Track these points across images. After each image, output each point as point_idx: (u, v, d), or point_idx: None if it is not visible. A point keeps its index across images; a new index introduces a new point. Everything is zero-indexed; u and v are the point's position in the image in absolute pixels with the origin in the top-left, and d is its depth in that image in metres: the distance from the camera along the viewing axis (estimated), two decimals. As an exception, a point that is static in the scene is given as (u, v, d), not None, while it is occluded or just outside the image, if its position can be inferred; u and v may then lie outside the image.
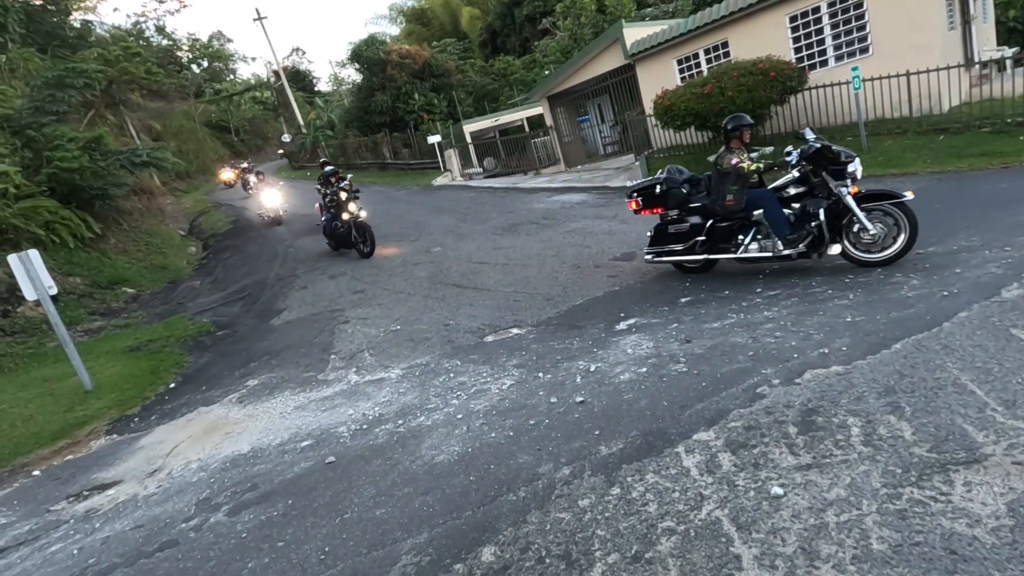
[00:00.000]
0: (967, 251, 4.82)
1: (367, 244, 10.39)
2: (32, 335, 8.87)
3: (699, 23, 12.49)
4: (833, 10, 10.73)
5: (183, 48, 47.70)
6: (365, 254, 10.40)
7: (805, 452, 2.74)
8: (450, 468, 3.40)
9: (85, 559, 3.37)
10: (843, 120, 10.55)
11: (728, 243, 5.58)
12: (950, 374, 3.09)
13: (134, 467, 4.61)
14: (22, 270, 6.47)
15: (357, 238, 10.49)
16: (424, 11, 39.54)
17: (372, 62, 27.42)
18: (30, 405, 6.33)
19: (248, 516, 3.43)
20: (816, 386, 3.28)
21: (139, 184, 18.45)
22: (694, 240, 5.69)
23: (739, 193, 5.36)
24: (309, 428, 4.50)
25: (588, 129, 19.50)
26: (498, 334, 5.66)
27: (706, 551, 2.29)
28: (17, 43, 18.03)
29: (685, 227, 5.76)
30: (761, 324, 4.32)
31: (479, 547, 2.65)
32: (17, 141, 12.36)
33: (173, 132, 36.05)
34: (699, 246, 5.68)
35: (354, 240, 10.57)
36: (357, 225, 10.37)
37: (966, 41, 11.46)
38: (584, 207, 10.94)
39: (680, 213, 5.84)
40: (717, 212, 5.56)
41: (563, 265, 7.44)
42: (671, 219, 5.89)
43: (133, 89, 26.27)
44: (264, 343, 7.27)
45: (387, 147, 26.65)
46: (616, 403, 3.67)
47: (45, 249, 10.66)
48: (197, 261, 15.05)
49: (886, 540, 2.14)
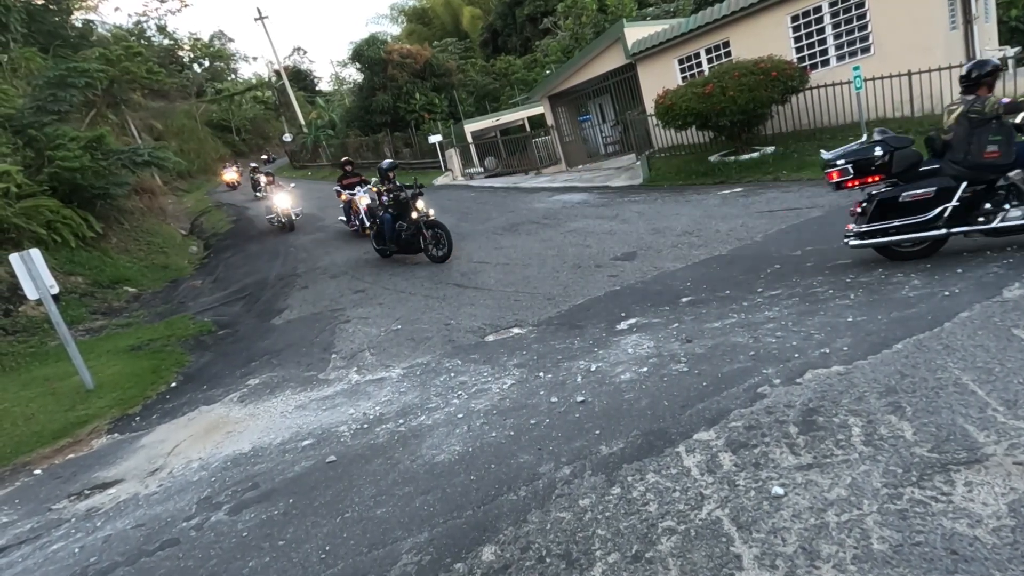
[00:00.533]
0: (968, 251, 4.80)
1: (442, 246, 8.88)
2: (34, 334, 8.88)
3: (700, 23, 12.48)
4: (834, 9, 10.72)
5: (184, 47, 47.76)
6: (438, 258, 8.88)
7: (806, 452, 2.74)
8: (451, 467, 3.41)
9: (86, 558, 3.38)
10: (844, 120, 10.54)
11: (973, 212, 4.57)
12: (951, 374, 3.09)
13: (135, 466, 4.62)
14: (24, 269, 6.48)
15: (428, 240, 8.97)
16: (425, 11, 39.53)
17: (373, 62, 27.43)
18: (31, 404, 6.34)
19: (249, 515, 3.43)
20: (817, 386, 3.28)
21: (140, 184, 18.46)
22: (941, 208, 4.56)
23: (1005, 144, 4.38)
24: (310, 427, 4.50)
25: (589, 129, 19.49)
26: (499, 334, 5.66)
27: (706, 551, 2.29)
28: (19, 42, 18.05)
29: (930, 192, 4.57)
30: (762, 324, 4.32)
31: (479, 546, 2.65)
32: (19, 140, 12.38)
33: (174, 132, 36.09)
34: (947, 216, 4.56)
35: (424, 244, 9.05)
36: (428, 224, 8.91)
37: (968, 41, 11.43)
38: (585, 207, 10.94)
39: (909, 179, 4.75)
40: (963, 173, 4.54)
41: (564, 265, 7.44)
42: (902, 186, 4.74)
43: (134, 88, 26.30)
44: (265, 342, 7.28)
45: (388, 147, 26.65)
46: (617, 403, 3.67)
47: (47, 248, 10.68)
48: (198, 260, 15.08)
49: (887, 540, 2.14)
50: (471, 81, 30.01)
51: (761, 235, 6.77)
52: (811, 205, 7.48)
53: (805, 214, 7.17)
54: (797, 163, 9.76)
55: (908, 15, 9.81)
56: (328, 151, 33.56)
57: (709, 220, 8.00)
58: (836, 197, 7.58)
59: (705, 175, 10.95)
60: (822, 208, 7.23)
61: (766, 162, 10.30)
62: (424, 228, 8.91)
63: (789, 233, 6.60)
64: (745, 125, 10.83)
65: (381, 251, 10.06)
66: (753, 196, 8.76)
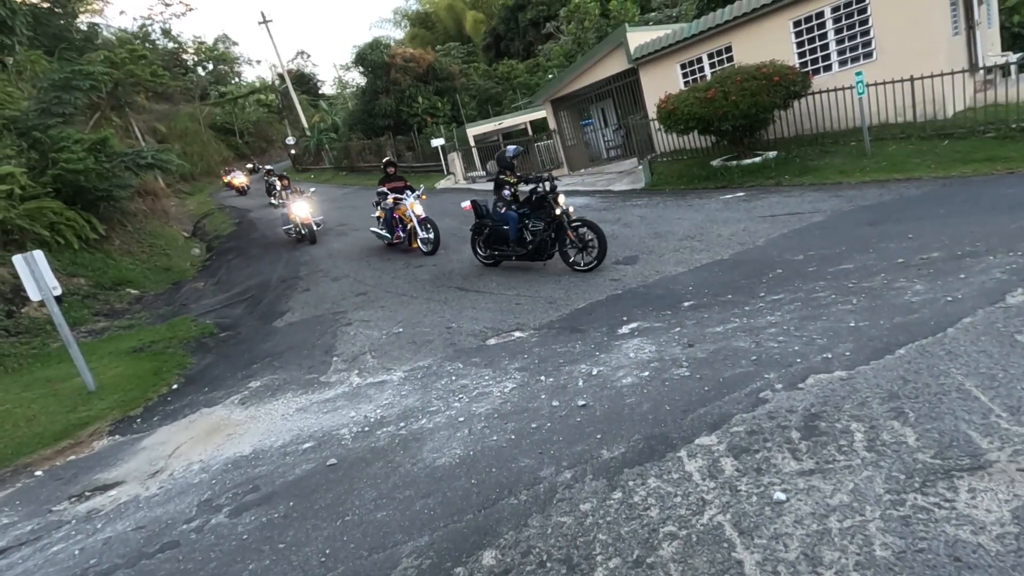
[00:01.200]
0: (971, 256, 4.80)
1: (591, 249, 7.14)
2: (36, 335, 8.90)
3: (703, 28, 12.50)
4: (837, 15, 10.74)
5: (188, 51, 48.04)
6: (584, 266, 7.18)
7: (808, 457, 2.73)
8: (451, 471, 3.40)
9: (86, 560, 3.38)
10: (847, 125, 10.54)
11: None
12: (954, 380, 3.08)
13: (136, 468, 4.61)
14: (27, 271, 6.49)
15: (574, 243, 7.22)
16: (428, 15, 39.73)
17: (376, 65, 27.56)
18: (33, 405, 6.35)
19: (249, 518, 3.43)
20: (819, 391, 3.27)
21: (144, 186, 18.54)
22: None
23: None
24: (311, 430, 4.50)
25: (591, 133, 19.51)
26: (500, 337, 5.66)
27: (708, 556, 2.28)
28: (24, 45, 18.14)
29: None
30: (764, 328, 4.31)
31: (480, 551, 2.65)
32: (23, 142, 12.45)
33: (178, 134, 36.27)
34: None
35: (562, 248, 7.35)
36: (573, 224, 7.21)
37: (970, 46, 11.45)
38: (587, 210, 10.93)
39: None
40: None
41: (565, 268, 7.44)
42: None
43: (139, 91, 26.43)
44: (267, 345, 7.28)
45: (391, 150, 26.72)
46: (618, 407, 3.66)
47: (50, 250, 10.73)
48: (201, 263, 15.11)
49: (890, 547, 2.13)
50: (474, 85, 30.13)
51: (763, 239, 6.76)
52: (813, 210, 7.47)
53: (807, 219, 7.16)
54: (799, 168, 9.76)
55: (910, 20, 9.82)
56: (331, 154, 33.68)
57: (711, 224, 8.00)
58: (839, 202, 7.59)
59: (707, 179, 10.95)
60: (824, 213, 7.23)
61: (768, 167, 10.30)
62: (568, 228, 7.24)
63: (791, 238, 6.60)
64: (747, 130, 10.83)
65: (492, 258, 8.25)
66: (755, 201, 8.75)
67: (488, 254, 8.36)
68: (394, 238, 10.80)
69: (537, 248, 7.61)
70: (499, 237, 7.98)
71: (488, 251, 8.29)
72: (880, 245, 5.64)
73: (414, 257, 10.11)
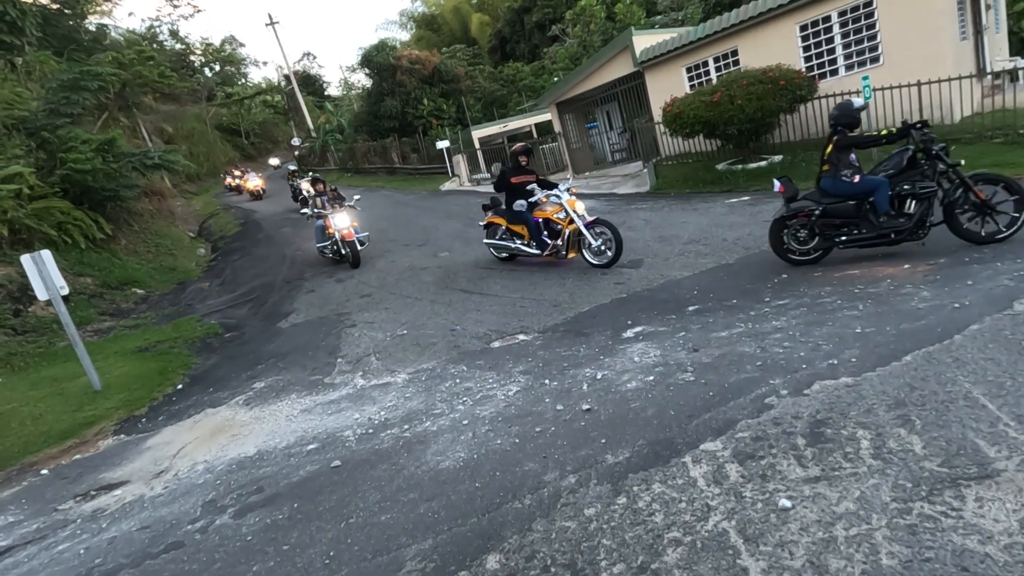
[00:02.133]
0: (978, 263, 4.77)
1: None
2: (43, 334, 8.95)
3: (709, 31, 12.50)
4: (844, 19, 10.72)
5: (196, 52, 48.28)
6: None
7: (814, 464, 2.72)
8: (455, 474, 3.40)
9: (91, 559, 3.39)
10: (853, 129, 10.50)
11: None
12: (961, 387, 3.06)
13: (141, 468, 4.63)
14: (34, 270, 6.54)
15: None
16: (434, 17, 39.85)
17: (382, 67, 27.64)
18: (39, 404, 6.38)
19: (253, 519, 3.44)
20: (825, 397, 3.25)
21: (150, 186, 18.63)
22: None
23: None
24: (315, 431, 4.51)
25: (596, 136, 19.53)
26: (505, 340, 5.66)
27: (713, 563, 2.27)
28: (34, 46, 18.31)
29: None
30: (769, 334, 4.30)
31: (484, 555, 2.64)
32: (32, 142, 12.54)
33: (184, 135, 36.44)
34: None
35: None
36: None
37: (978, 51, 11.41)
38: (592, 214, 10.91)
39: None
40: None
41: (570, 271, 7.43)
42: None
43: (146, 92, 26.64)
44: (271, 346, 7.30)
45: (396, 152, 26.80)
46: (623, 411, 3.66)
47: (57, 249, 10.78)
48: (206, 263, 15.18)
49: (896, 555, 2.11)
50: (479, 87, 30.18)
51: (768, 244, 6.73)
52: (819, 214, 7.43)
53: (813, 223, 7.13)
54: (805, 172, 9.70)
55: (917, 25, 9.79)
56: (336, 155, 33.81)
57: (716, 228, 7.99)
58: (844, 207, 7.54)
59: (712, 183, 10.93)
60: (830, 218, 7.19)
61: (774, 171, 10.26)
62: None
63: (797, 242, 6.56)
64: (753, 134, 10.82)
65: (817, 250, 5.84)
66: (761, 205, 8.73)
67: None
68: (546, 252, 7.94)
69: (920, 219, 5.35)
70: (845, 217, 5.62)
71: (815, 243, 5.77)
72: (886, 250, 5.62)
73: (419, 259, 10.11)
